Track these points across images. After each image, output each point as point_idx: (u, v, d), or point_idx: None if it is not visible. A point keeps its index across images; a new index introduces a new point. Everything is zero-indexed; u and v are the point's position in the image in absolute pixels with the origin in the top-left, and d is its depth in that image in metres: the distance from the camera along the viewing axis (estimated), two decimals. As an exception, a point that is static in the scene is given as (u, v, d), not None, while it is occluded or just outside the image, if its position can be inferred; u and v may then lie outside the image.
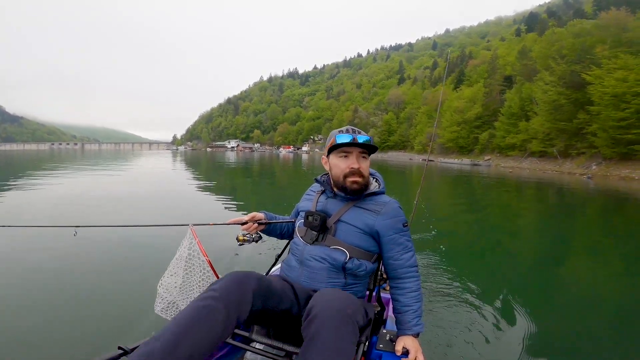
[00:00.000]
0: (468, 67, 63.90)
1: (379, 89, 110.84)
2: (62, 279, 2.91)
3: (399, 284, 1.24)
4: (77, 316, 2.27)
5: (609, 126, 21.96)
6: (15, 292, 2.62)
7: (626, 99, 21.03)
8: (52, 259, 3.31)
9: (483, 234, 5.68)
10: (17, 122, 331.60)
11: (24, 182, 10.53)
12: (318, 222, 1.24)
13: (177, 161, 30.05)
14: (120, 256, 3.48)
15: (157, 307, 1.37)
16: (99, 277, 2.94)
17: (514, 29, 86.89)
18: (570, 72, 26.48)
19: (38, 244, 3.77)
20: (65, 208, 6.22)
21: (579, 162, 25.40)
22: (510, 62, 45.34)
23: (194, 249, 1.34)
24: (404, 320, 1.19)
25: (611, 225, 6.91)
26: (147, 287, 2.23)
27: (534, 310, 2.54)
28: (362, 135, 1.25)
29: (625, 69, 21.95)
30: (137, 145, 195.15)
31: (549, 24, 50.01)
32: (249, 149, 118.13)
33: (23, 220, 4.98)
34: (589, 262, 4.25)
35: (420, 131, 56.53)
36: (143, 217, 5.63)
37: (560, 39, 31.31)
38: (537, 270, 3.83)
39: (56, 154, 45.07)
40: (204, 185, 11.17)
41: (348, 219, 1.25)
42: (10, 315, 2.27)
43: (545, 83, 29.31)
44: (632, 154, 21.31)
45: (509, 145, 35.47)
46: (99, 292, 2.63)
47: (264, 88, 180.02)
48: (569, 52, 28.43)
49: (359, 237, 1.23)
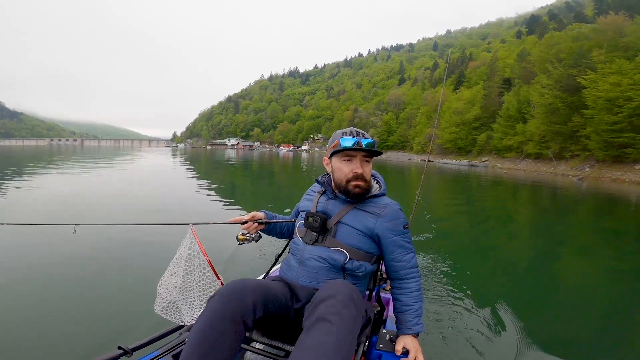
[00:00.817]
0: (468, 68, 64.27)
1: (379, 89, 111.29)
2: (62, 278, 2.89)
3: (401, 284, 1.25)
4: (77, 316, 2.26)
5: (602, 130, 22.49)
6: (14, 292, 2.60)
7: (619, 103, 21.56)
8: (51, 259, 3.29)
9: (479, 234, 5.79)
10: (17, 117, 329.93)
11: (25, 178, 10.56)
12: (318, 224, 1.24)
13: (178, 159, 30.12)
14: (120, 256, 3.45)
15: (157, 307, 1.37)
16: (98, 277, 2.92)
17: (514, 31, 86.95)
18: (567, 76, 26.92)
19: (37, 243, 3.74)
20: (63, 206, 6.16)
21: (573, 164, 25.92)
22: (510, 65, 45.74)
23: (194, 249, 1.34)
24: (405, 320, 1.20)
25: (601, 226, 7.21)
26: (147, 287, 2.24)
27: (530, 308, 2.69)
28: (366, 139, 1.23)
29: (620, 74, 22.44)
30: (136, 142, 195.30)
31: (550, 26, 50.43)
32: (249, 147, 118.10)
33: (22, 218, 4.99)
34: (579, 261, 4.43)
35: (420, 132, 57.00)
36: (143, 217, 5.60)
37: (558, 42, 31.75)
38: (533, 270, 3.95)
39: (55, 150, 45.23)
40: (205, 184, 11.19)
41: (349, 221, 1.24)
42: (10, 315, 2.26)
43: (542, 86, 29.79)
44: (623, 157, 21.89)
45: (506, 147, 36.01)
46: (99, 292, 2.63)
47: (264, 86, 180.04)
48: (567, 56, 28.89)
49: (359, 239, 1.23)
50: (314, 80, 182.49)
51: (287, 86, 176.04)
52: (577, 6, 70.43)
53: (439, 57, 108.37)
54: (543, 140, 29.61)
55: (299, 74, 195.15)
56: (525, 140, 32.41)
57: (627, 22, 28.09)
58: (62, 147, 75.34)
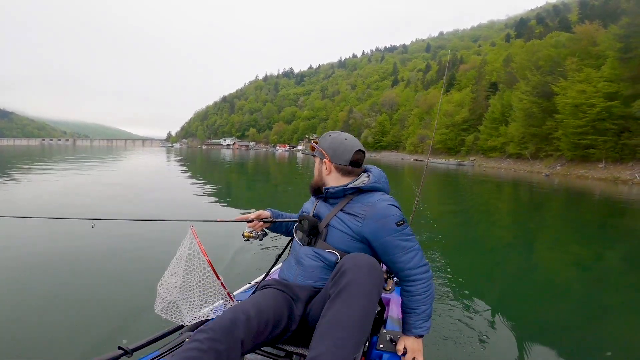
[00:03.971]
0: (459, 71, 66.63)
1: (373, 90, 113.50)
2: (61, 278, 2.89)
3: (404, 286, 1.18)
4: (77, 316, 2.26)
5: (570, 132, 25.11)
6: (13, 292, 2.61)
7: (583, 109, 24.18)
8: (50, 259, 3.30)
9: (464, 229, 6.03)
10: (7, 117, 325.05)
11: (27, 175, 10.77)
12: (307, 227, 1.24)
13: (176, 159, 29.51)
14: (120, 256, 3.46)
15: (157, 307, 1.35)
16: (98, 277, 2.93)
17: (504, 33, 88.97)
18: (543, 83, 29.39)
19: (34, 242, 3.77)
20: (60, 204, 6.21)
21: (547, 163, 28.64)
22: (497, 69, 48.10)
23: (194, 249, 1.31)
24: (407, 322, 1.17)
25: (570, 217, 8.08)
26: (147, 287, 2.25)
27: (512, 297, 2.91)
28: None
29: (587, 82, 24.95)
30: (129, 142, 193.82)
31: (536, 31, 52.61)
32: (245, 147, 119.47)
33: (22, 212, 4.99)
34: (553, 252, 4.76)
35: (412, 132, 59.28)
36: (143, 216, 5.55)
37: (539, 49, 34.13)
38: (512, 260, 4.20)
39: (47, 150, 44.71)
40: (205, 184, 11.09)
41: (336, 224, 1.21)
42: (9, 315, 2.26)
43: (521, 92, 32.34)
44: (589, 157, 24.64)
45: (490, 147, 38.60)
46: (99, 292, 2.63)
47: (259, 87, 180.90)
48: (545, 63, 31.25)
49: (349, 243, 1.18)
50: (309, 80, 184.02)
51: (282, 87, 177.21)
52: (565, 9, 72.27)
53: (431, 59, 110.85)
54: (522, 141, 32.27)
55: (294, 74, 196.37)
56: (507, 142, 35.05)
57: (600, 31, 29.66)
58: (54, 146, 73.54)
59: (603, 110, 23.30)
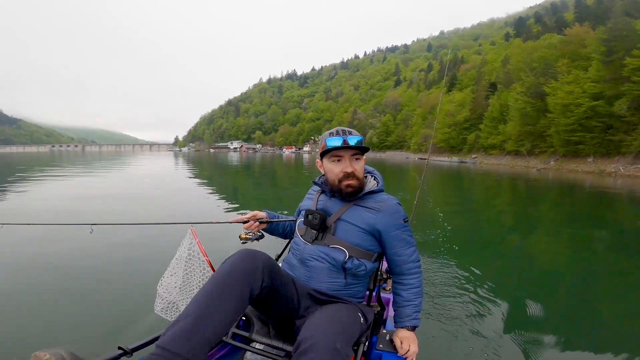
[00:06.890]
0: (460, 71, 68.18)
1: (376, 90, 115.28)
2: (61, 279, 2.91)
3: (402, 280, 1.26)
4: (77, 316, 2.27)
5: (561, 130, 27.49)
6: (13, 292, 2.63)
7: (571, 109, 26.51)
8: (49, 260, 3.32)
9: (470, 226, 6.08)
10: (16, 124, 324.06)
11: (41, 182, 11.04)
12: (318, 221, 1.24)
13: (186, 163, 29.57)
14: (120, 256, 3.46)
15: (157, 307, 1.36)
16: (98, 277, 2.94)
17: (504, 32, 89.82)
18: (536, 84, 31.64)
19: (35, 244, 3.79)
20: (64, 207, 6.36)
21: (542, 158, 31.03)
22: (496, 69, 49.94)
23: (193, 249, 1.32)
24: (403, 313, 1.23)
25: (564, 208, 8.62)
26: (147, 287, 2.24)
27: (517, 288, 3.09)
28: (353, 136, 1.24)
29: (575, 83, 27.22)
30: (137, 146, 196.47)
31: (534, 30, 54.05)
32: (252, 149, 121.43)
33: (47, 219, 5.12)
34: (549, 244, 4.86)
35: (416, 132, 61.11)
36: (144, 218, 5.69)
37: (534, 50, 36.11)
38: (513, 248, 4.30)
39: (61, 155, 45.40)
40: (209, 186, 11.29)
41: (348, 217, 1.25)
42: (11, 316, 2.28)
43: (517, 93, 34.61)
44: (579, 152, 27.05)
45: (491, 145, 40.76)
46: (99, 292, 2.64)
47: (263, 90, 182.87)
48: (538, 65, 33.31)
49: (360, 236, 1.23)
50: (312, 82, 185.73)
51: (286, 89, 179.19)
52: (562, 7, 72.88)
53: (432, 58, 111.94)
54: (519, 139, 34.52)
55: (297, 76, 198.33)
56: (506, 139, 37.27)
57: (590, 33, 31.33)
58: (63, 153, 74.03)
59: (589, 109, 25.62)
